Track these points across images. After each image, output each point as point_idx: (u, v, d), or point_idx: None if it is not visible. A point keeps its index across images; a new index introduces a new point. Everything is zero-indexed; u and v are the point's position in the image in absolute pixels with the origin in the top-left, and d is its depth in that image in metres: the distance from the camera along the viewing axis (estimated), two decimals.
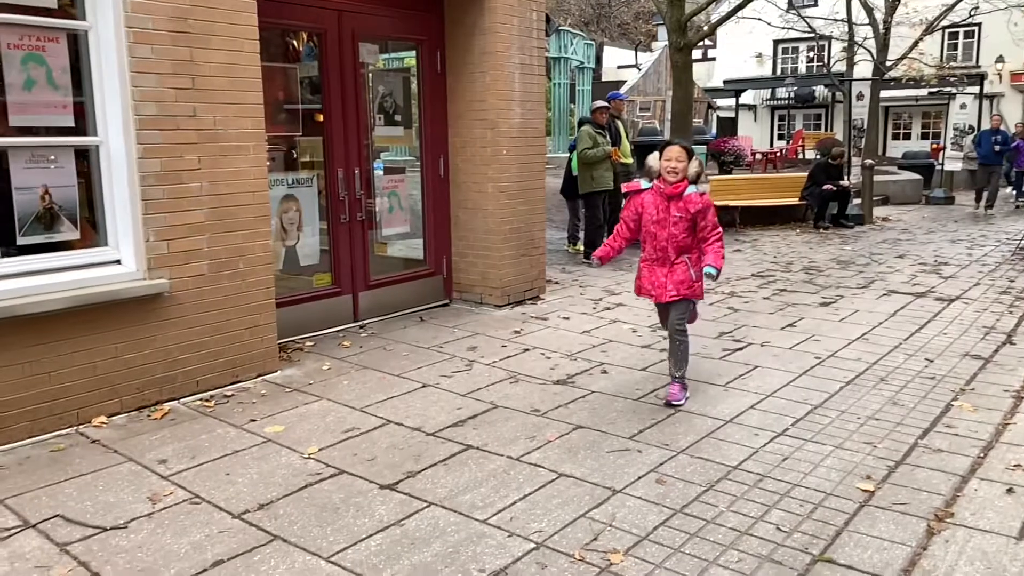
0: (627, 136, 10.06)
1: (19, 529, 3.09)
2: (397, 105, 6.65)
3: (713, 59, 33.81)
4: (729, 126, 29.75)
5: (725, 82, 30.96)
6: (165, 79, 4.33)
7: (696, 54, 16.78)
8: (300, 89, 5.93)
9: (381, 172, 6.67)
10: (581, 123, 9.49)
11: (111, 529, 3.09)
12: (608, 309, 6.79)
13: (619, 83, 26.22)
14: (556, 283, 7.84)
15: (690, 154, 4.31)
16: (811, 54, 31.09)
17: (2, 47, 3.94)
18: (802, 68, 32.15)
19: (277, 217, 5.64)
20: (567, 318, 6.43)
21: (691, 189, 4.29)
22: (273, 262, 5.11)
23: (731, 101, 29.84)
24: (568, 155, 9.98)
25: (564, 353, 5.45)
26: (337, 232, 6.03)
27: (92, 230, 4.38)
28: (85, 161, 4.34)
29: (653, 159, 4.37)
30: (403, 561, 2.87)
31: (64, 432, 4.01)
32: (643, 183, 4.43)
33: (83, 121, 4.28)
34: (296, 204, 5.86)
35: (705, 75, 31.66)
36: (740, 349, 5.53)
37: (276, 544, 2.98)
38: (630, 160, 9.94)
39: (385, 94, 6.56)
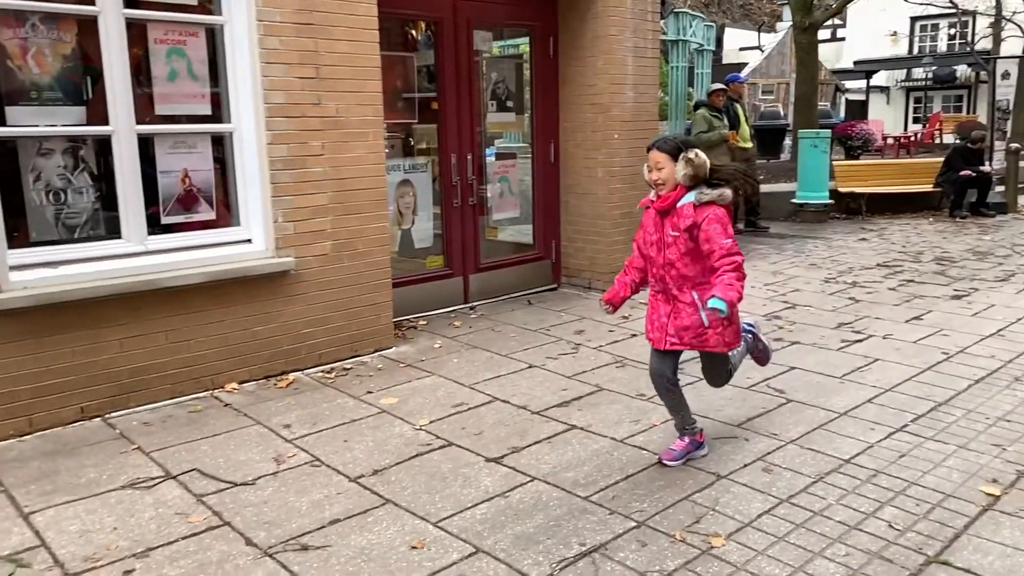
0: (747, 120, 9.77)
1: (162, 479, 3.40)
2: (509, 91, 6.74)
3: (842, 39, 32.10)
4: (858, 109, 28.22)
5: (855, 63, 29.33)
6: (292, 69, 4.59)
7: (823, 34, 16.03)
8: (417, 77, 6.12)
9: (493, 158, 6.79)
10: (697, 107, 9.30)
11: (240, 484, 3.35)
12: None
13: (740, 65, 25.40)
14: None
15: (675, 154, 3.28)
16: (952, 31, 28.97)
17: (150, 42, 4.30)
18: (942, 46, 30.02)
19: (394, 201, 5.86)
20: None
21: (689, 198, 3.29)
22: (390, 244, 5.32)
23: (861, 83, 28.29)
24: None
25: None
26: (449, 216, 6.20)
27: (226, 211, 4.71)
28: (220, 147, 4.67)
29: (645, 169, 3.44)
30: (506, 531, 2.97)
31: (200, 395, 4.36)
32: (652, 195, 3.50)
33: (218, 110, 4.60)
34: (412, 189, 6.07)
35: (833, 56, 30.14)
36: (860, 341, 5.30)
37: (388, 507, 3.14)
38: (749, 145, 9.66)
39: (498, 81, 6.67)
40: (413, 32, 6.24)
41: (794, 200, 11.05)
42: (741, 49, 33.79)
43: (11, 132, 3.88)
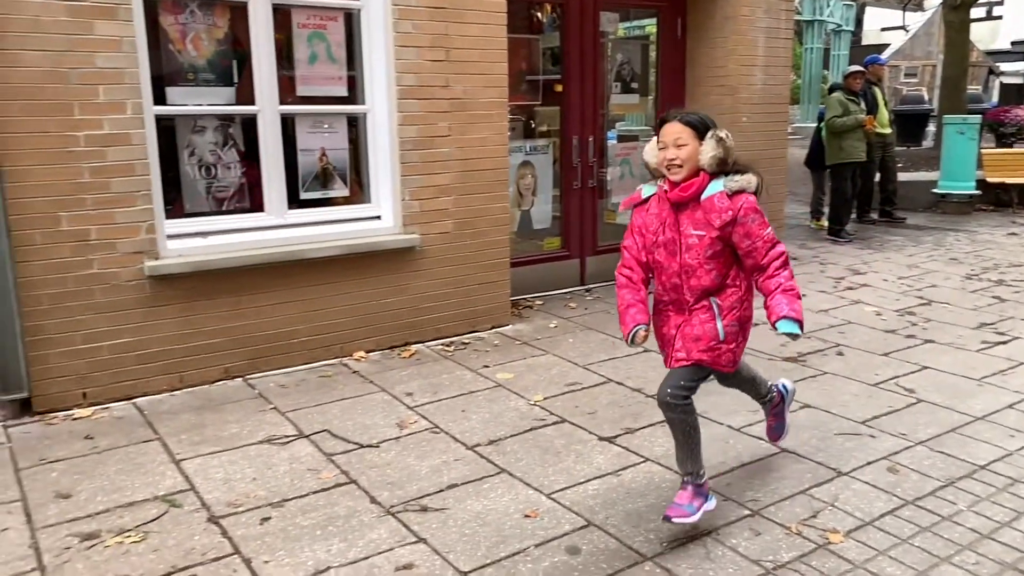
0: (886, 104, 9.25)
1: (296, 437, 3.64)
2: (634, 73, 6.68)
3: (999, 17, 29.62)
4: (1015, 94, 26.00)
5: (1013, 43, 27.04)
6: (423, 52, 4.74)
7: (977, 12, 14.86)
8: (541, 60, 6.17)
9: (615, 140, 6.76)
10: (832, 90, 8.87)
11: (366, 446, 3.55)
12: (850, 289, 6.37)
13: (881, 47, 23.95)
14: (794, 259, 7.44)
15: (702, 130, 2.67)
16: None
17: (294, 26, 4.55)
18: None
19: (514, 183, 5.96)
20: (803, 295, 6.12)
21: (716, 187, 2.67)
22: (509, 224, 5.42)
23: (1019, 65, 26.03)
24: (816, 124, 9.39)
25: None
26: (569, 198, 6.24)
27: (358, 188, 4.94)
28: (354, 127, 4.89)
29: (648, 149, 2.79)
30: (618, 507, 3.00)
31: (331, 362, 4.62)
32: (645, 189, 2.87)
33: (353, 91, 4.82)
34: (532, 170, 6.14)
35: (988, 36, 27.88)
36: (1003, 343, 4.95)
37: (503, 476, 3.24)
38: (888, 131, 9.15)
39: (623, 62, 6.62)
40: (539, 14, 6.28)
41: (935, 190, 10.37)
42: (883, 29, 31.78)
43: (170, 111, 4.22)
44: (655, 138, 2.76)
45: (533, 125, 6.30)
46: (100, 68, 3.76)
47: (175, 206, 4.32)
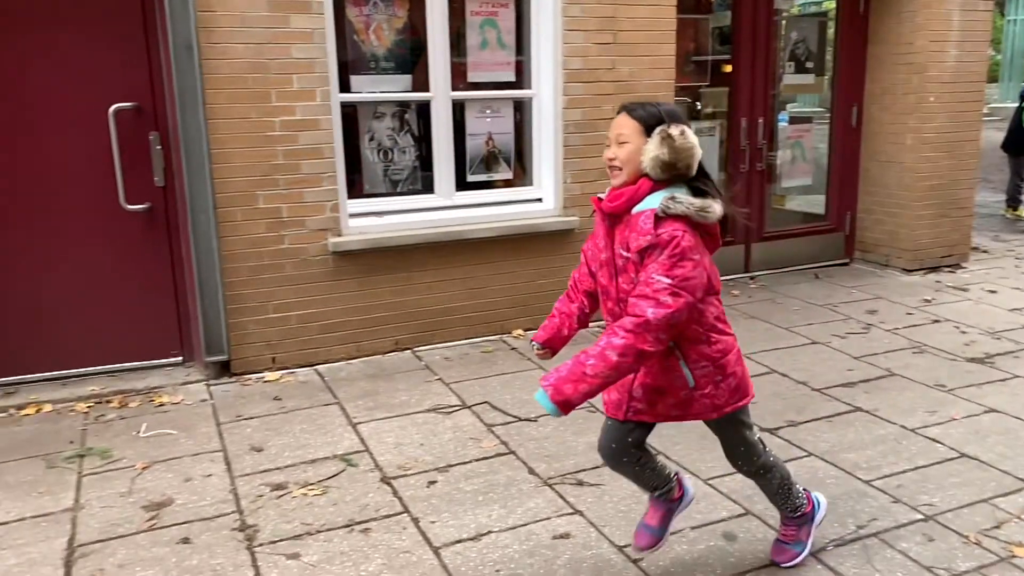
0: None
1: (459, 408, 3.83)
2: (810, 52, 6.36)
3: None
4: None
5: None
6: (590, 35, 4.76)
7: None
8: (710, 40, 6.01)
9: (786, 122, 6.48)
10: None
11: (524, 420, 3.67)
12: None
13: None
14: (984, 251, 6.86)
15: (649, 125, 2.08)
16: None
17: (467, 14, 4.72)
18: None
19: None
20: (993, 291, 5.62)
21: (652, 201, 2.07)
22: None
23: None
24: (1018, 104, 8.51)
25: (984, 329, 4.82)
26: (735, 182, 6.06)
27: (521, 171, 5.06)
28: (519, 112, 5.01)
29: None
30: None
31: (491, 338, 4.79)
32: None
33: (520, 76, 4.93)
34: None
35: None
36: None
37: (660, 459, 3.23)
38: None
39: (798, 40, 6.32)
40: None
41: None
42: None
43: (354, 98, 4.51)
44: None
45: (699, 107, 6.17)
46: (295, 59, 4.10)
47: (355, 187, 4.63)
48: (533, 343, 2.42)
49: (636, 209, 2.08)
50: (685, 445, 3.36)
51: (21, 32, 3.81)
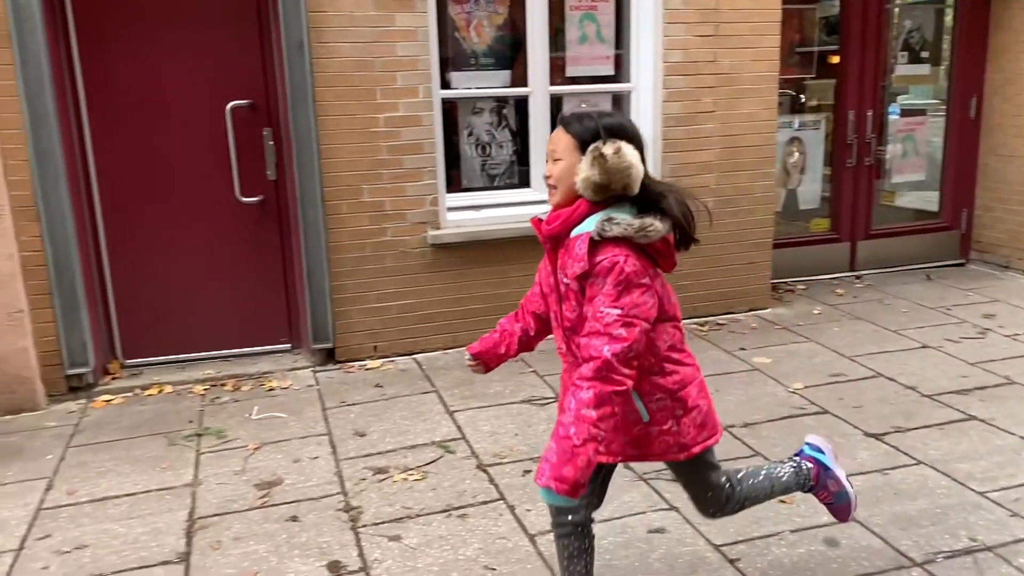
0: None
1: (552, 400, 3.87)
2: (924, 41, 6.05)
3: None
4: None
5: None
6: (691, 28, 4.69)
7: None
8: (816, 30, 5.82)
9: (896, 115, 6.19)
10: None
11: None
12: None
13: None
14: None
15: (584, 140, 1.89)
16: None
17: (566, 9, 4.73)
18: None
19: (780, 160, 5.70)
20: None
21: (586, 225, 1.89)
22: (774, 203, 5.22)
23: None
24: None
25: None
26: (841, 177, 5.85)
27: None
28: (616, 106, 4.98)
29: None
30: (883, 507, 2.84)
31: None
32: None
33: (619, 70, 4.91)
34: (800, 147, 5.83)
35: None
36: None
37: (757, 459, 3.19)
38: None
39: (911, 29, 6.03)
40: None
41: None
42: None
43: (455, 94, 4.60)
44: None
45: (803, 99, 5.98)
46: (399, 56, 4.21)
47: (454, 181, 4.72)
48: (466, 353, 2.26)
49: (574, 232, 1.91)
50: (784, 448, 3.29)
51: (152, 35, 4.07)
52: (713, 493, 2.19)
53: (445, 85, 4.52)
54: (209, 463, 3.33)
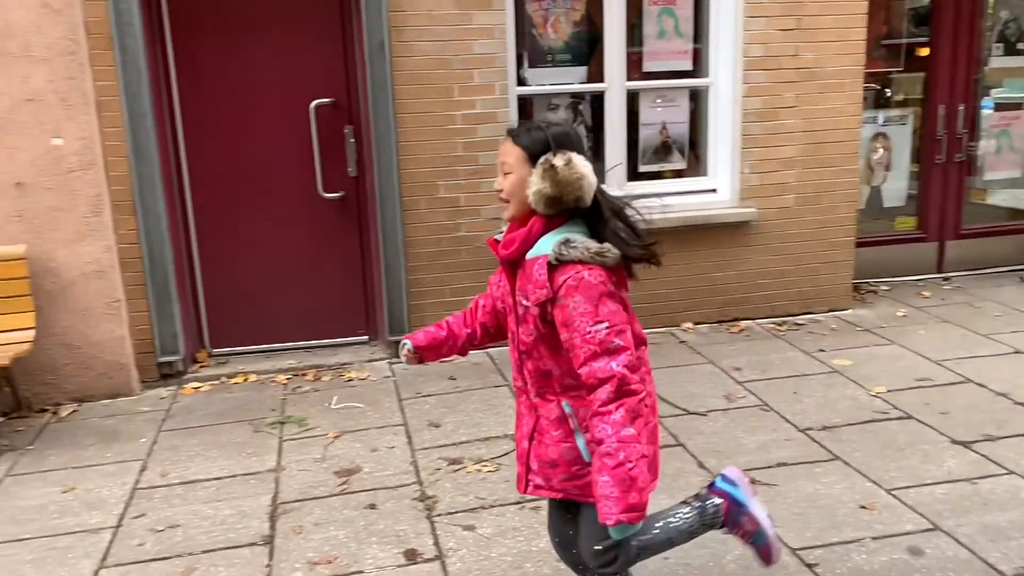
0: None
1: None
2: (1021, 32, 5.76)
3: None
4: None
5: None
6: (772, 21, 4.59)
7: None
8: (904, 22, 5.61)
9: (990, 109, 5.91)
10: None
11: (693, 413, 3.64)
12: None
13: None
14: None
15: (534, 152, 1.83)
16: None
17: (644, 4, 4.69)
18: None
19: (864, 156, 5.53)
20: None
21: (545, 246, 1.83)
22: (857, 201, 5.07)
23: None
24: None
25: None
26: (929, 174, 5.63)
27: (695, 161, 4.98)
28: (694, 100, 4.92)
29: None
30: (971, 516, 2.73)
31: (660, 331, 4.75)
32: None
33: (697, 65, 4.84)
34: (886, 143, 5.64)
35: None
36: None
37: (837, 463, 3.12)
38: None
39: (1008, 20, 5.75)
40: None
41: None
42: None
43: (531, 91, 4.62)
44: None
45: (889, 93, 5.77)
46: (477, 54, 4.26)
47: None
48: (405, 343, 2.14)
49: (530, 254, 1.85)
50: (865, 453, 3.20)
51: (241, 38, 4.23)
52: (611, 546, 1.92)
53: (521, 82, 4.55)
54: (291, 450, 3.45)
